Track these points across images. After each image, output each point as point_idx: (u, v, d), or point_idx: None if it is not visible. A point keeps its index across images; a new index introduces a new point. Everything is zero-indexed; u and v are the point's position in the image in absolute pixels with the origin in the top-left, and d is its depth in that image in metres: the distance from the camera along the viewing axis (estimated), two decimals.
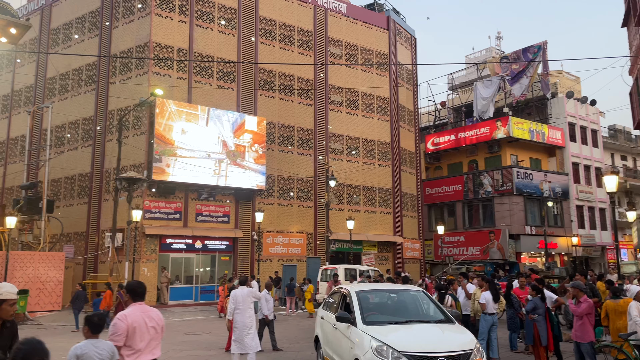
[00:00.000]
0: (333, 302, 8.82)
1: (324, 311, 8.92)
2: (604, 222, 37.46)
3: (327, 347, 8.21)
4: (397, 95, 33.73)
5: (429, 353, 6.17)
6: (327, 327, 8.29)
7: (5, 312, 3.99)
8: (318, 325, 9.06)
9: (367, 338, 6.53)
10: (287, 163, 28.04)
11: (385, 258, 31.86)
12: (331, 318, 8.05)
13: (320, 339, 8.66)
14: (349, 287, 8.61)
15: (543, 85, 35.20)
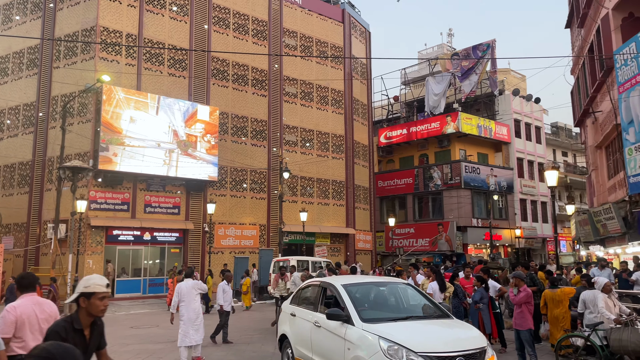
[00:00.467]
0: (308, 297, 7.95)
1: (294, 307, 8.00)
2: (545, 215, 39.28)
3: (301, 347, 7.35)
4: (352, 89, 33.96)
5: (446, 353, 5.60)
6: (302, 325, 7.43)
7: (94, 307, 3.44)
8: (285, 323, 8.10)
9: (373, 338, 5.83)
10: (240, 154, 27.72)
11: (338, 250, 32.16)
12: (308, 315, 7.33)
13: (290, 338, 7.74)
14: (331, 280, 7.78)
15: (491, 82, 36.36)
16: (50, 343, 2.27)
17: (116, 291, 23.23)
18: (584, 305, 9.22)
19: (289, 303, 8.38)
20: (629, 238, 17.27)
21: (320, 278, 9.21)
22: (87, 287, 3.44)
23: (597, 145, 21.65)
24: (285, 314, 8.22)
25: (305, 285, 8.38)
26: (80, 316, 3.43)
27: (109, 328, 13.91)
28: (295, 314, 7.83)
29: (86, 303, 3.42)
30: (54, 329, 3.30)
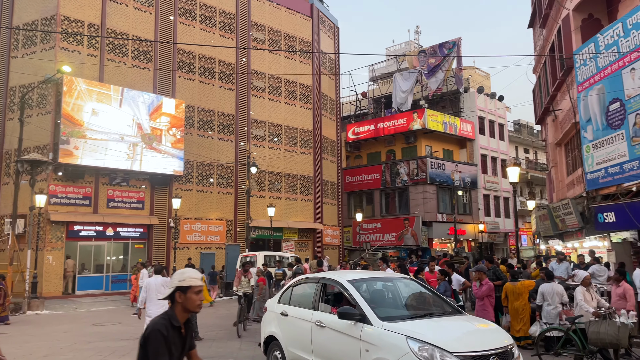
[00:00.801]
0: (303, 294, 7.39)
1: (285, 306, 7.37)
2: (508, 210, 40.34)
3: (297, 349, 6.79)
4: (320, 84, 33.96)
5: (481, 352, 5.21)
6: (298, 326, 6.86)
7: (191, 302, 3.19)
8: (272, 324, 7.46)
9: (399, 338, 5.33)
10: (206, 148, 27.36)
11: (306, 245, 32.21)
12: (306, 314, 6.77)
13: (281, 339, 7.14)
14: (333, 275, 7.32)
15: (457, 80, 37.00)
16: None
17: (77, 288, 22.63)
18: (543, 298, 9.54)
19: (276, 302, 7.67)
20: (586, 232, 17.92)
21: (317, 274, 8.68)
22: (183, 280, 3.20)
23: (557, 143, 22.34)
24: (273, 314, 7.52)
25: (296, 282, 7.69)
26: (177, 312, 3.18)
27: (69, 325, 13.60)
28: (287, 313, 7.18)
29: (183, 298, 3.18)
30: (156, 327, 3.03)
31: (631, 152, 14.15)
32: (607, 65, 15.18)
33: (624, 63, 14.30)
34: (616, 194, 15.11)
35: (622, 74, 14.36)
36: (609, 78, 15.03)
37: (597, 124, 15.84)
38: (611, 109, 15.03)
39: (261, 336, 7.76)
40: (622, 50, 14.27)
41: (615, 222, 15.07)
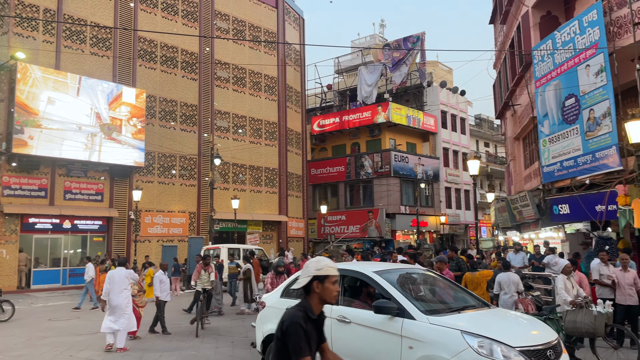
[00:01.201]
0: None
1: (293, 301, 6.50)
2: (468, 203, 41.31)
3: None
4: (285, 75, 33.76)
5: (538, 346, 4.97)
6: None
7: (328, 293, 3.01)
8: (274, 320, 7.06)
9: (453, 333, 4.94)
10: (169, 139, 26.82)
11: (270, 237, 32.11)
12: (327, 309, 6.13)
13: None
14: (356, 267, 6.87)
15: (420, 74, 37.50)
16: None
17: (32, 282, 21.87)
18: (500, 287, 9.82)
19: (279, 296, 7.02)
20: (542, 224, 18.55)
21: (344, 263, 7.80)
22: (320, 269, 3.00)
23: (516, 137, 22.98)
24: (275, 310, 6.77)
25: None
26: (313, 304, 2.99)
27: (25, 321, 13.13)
28: None
29: (320, 288, 2.99)
30: (294, 320, 2.84)
31: (585, 146, 14.69)
32: (563, 62, 15.68)
33: (579, 60, 14.80)
34: (570, 186, 15.68)
35: (577, 71, 14.87)
36: (565, 74, 15.54)
37: (554, 118, 16.37)
38: (567, 105, 15.55)
39: (258, 335, 7.08)
40: (578, 47, 14.76)
41: (569, 214, 15.65)
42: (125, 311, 9.45)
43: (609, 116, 13.58)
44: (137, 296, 10.59)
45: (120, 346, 9.35)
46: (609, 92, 13.58)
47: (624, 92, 13.86)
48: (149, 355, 9.12)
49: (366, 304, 6.22)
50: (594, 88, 14.10)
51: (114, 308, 9.41)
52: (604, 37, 13.79)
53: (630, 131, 11.12)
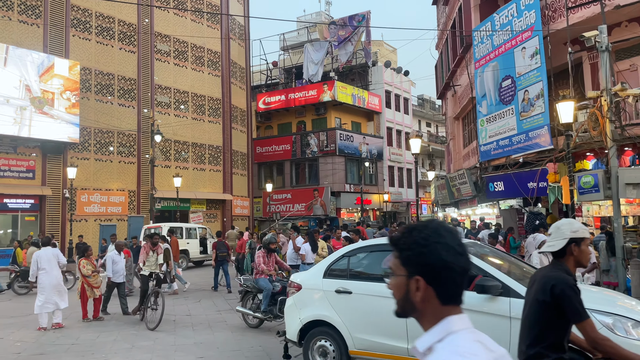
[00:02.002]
0: (372, 265, 6.11)
1: (344, 281, 5.94)
2: (410, 181, 42.41)
3: (379, 335, 5.53)
4: (229, 51, 32.96)
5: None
6: (377, 305, 5.53)
7: (584, 255, 2.81)
8: (317, 305, 6.03)
9: None
10: (106, 114, 25.65)
11: (215, 216, 31.67)
12: (383, 289, 5.19)
13: (341, 324, 5.76)
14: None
15: (365, 53, 37.69)
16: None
17: None
18: None
19: (321, 277, 6.11)
20: (479, 200, 19.36)
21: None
22: (576, 231, 2.82)
23: (456, 117, 23.69)
24: (317, 293, 6.02)
25: (354, 250, 6.26)
26: (570, 266, 2.82)
27: None
28: (349, 290, 5.77)
29: (577, 250, 2.82)
30: (569, 283, 2.64)
31: (519, 126, 15.36)
32: (501, 44, 16.21)
33: (516, 42, 15.35)
34: (505, 164, 16.40)
35: (514, 53, 15.43)
36: (503, 56, 16.09)
37: (491, 99, 16.97)
38: (503, 86, 16.15)
39: (291, 322, 6.23)
40: (515, 30, 15.28)
41: (503, 191, 16.40)
42: (58, 289, 9.45)
43: (542, 97, 14.23)
44: (92, 277, 10.18)
45: (56, 321, 9.38)
46: (542, 74, 14.20)
47: (556, 75, 14.55)
48: (86, 334, 8.84)
49: None
50: (529, 70, 14.70)
51: (48, 287, 9.30)
52: (540, 21, 14.35)
53: (561, 111, 11.69)
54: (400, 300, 1.44)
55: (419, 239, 1.37)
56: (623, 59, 13.72)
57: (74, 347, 8.07)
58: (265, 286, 8.88)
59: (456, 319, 1.38)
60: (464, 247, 1.39)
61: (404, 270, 1.40)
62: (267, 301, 8.78)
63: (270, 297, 8.82)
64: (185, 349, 7.76)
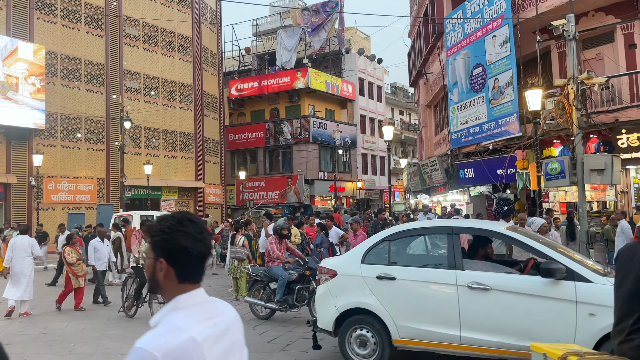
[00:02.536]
0: (415, 249, 6.06)
1: (386, 267, 5.60)
2: (383, 169, 42.72)
3: (426, 323, 5.27)
4: (200, 36, 32.37)
5: None
6: (423, 292, 5.35)
7: None
8: (356, 291, 5.66)
9: None
10: (73, 100, 24.94)
11: (187, 204, 31.32)
12: (441, 276, 5.26)
13: (383, 312, 5.44)
14: (485, 225, 6.08)
15: (339, 40, 37.56)
16: None
17: None
18: None
19: (359, 263, 5.74)
20: (449, 187, 19.64)
21: (446, 221, 6.77)
22: None
23: (428, 104, 23.90)
24: (356, 279, 5.65)
25: (393, 234, 5.88)
26: None
27: None
28: (393, 276, 5.44)
29: None
30: None
31: (489, 113, 15.59)
32: (472, 32, 16.36)
33: (487, 30, 15.52)
34: (475, 152, 16.67)
35: (485, 41, 15.61)
36: (474, 44, 16.26)
37: (462, 87, 17.17)
38: (474, 74, 16.34)
39: (325, 311, 5.85)
40: (486, 18, 15.44)
41: (473, 177, 16.68)
42: (29, 278, 9.55)
43: (511, 85, 14.46)
44: (76, 265, 9.92)
45: (22, 311, 9.43)
46: (512, 63, 14.42)
47: (525, 63, 14.80)
48: (54, 324, 8.67)
49: (496, 267, 5.58)
50: (499, 58, 14.90)
51: (17, 275, 9.41)
52: (510, 9, 14.53)
53: (529, 99, 11.92)
54: (149, 278, 1.64)
55: (164, 227, 1.61)
56: (590, 48, 14.04)
57: (41, 336, 7.92)
58: (280, 274, 8.33)
59: (185, 297, 1.59)
60: (204, 235, 1.63)
61: (153, 253, 1.61)
62: (282, 290, 8.23)
63: (286, 286, 8.30)
64: None
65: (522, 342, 4.71)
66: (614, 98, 12.89)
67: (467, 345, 5.04)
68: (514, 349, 4.80)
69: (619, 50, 13.40)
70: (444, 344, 5.19)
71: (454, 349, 5.16)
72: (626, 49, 13.29)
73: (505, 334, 4.86)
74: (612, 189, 13.38)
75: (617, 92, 12.85)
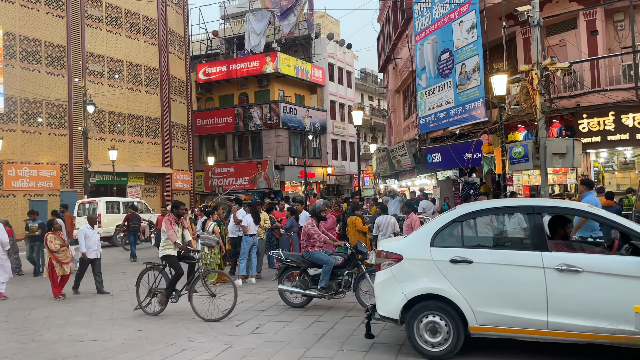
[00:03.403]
0: (491, 230, 5.79)
1: (460, 249, 5.31)
2: (353, 154, 42.91)
3: (509, 309, 5.00)
4: (166, 18, 31.57)
5: None
6: (504, 276, 5.05)
7: None
8: (426, 276, 5.35)
9: None
10: (33, 83, 24.04)
11: (154, 190, 30.79)
12: (524, 258, 5.00)
13: (459, 298, 5.15)
14: (568, 204, 5.93)
15: (308, 24, 37.23)
16: None
17: None
18: (378, 229, 10.46)
19: (428, 246, 5.41)
20: (418, 171, 19.89)
21: (523, 200, 6.21)
22: None
23: (396, 90, 24.04)
24: (431, 263, 5.32)
25: (460, 215, 5.51)
26: None
27: None
28: (470, 259, 5.16)
29: None
30: None
31: (457, 99, 15.80)
32: (440, 17, 16.48)
33: (454, 16, 15.65)
34: (443, 136, 16.90)
35: (452, 26, 15.74)
36: (442, 29, 16.39)
37: (430, 72, 17.32)
38: (442, 59, 16.50)
39: (390, 298, 5.48)
40: (454, 3, 15.56)
41: (441, 162, 16.94)
42: (2, 265, 9.82)
43: (478, 71, 14.67)
44: (60, 252, 9.50)
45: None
46: (478, 48, 14.61)
47: (492, 49, 15.02)
48: (17, 312, 8.43)
49: (583, 247, 5.40)
50: (466, 43, 15.07)
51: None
52: None
53: (495, 84, 12.13)
54: None
55: None
56: (553, 34, 14.35)
57: (3, 324, 7.71)
58: (325, 259, 7.79)
59: None
60: None
61: None
62: (328, 276, 7.68)
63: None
64: (122, 323, 7.58)
65: (617, 325, 4.62)
66: (575, 84, 13.24)
67: (555, 330, 4.85)
68: (609, 332, 4.67)
69: (582, 37, 13.74)
70: (527, 330, 4.95)
71: (539, 335, 4.94)
72: (588, 35, 13.63)
73: (598, 318, 4.69)
74: (573, 173, 13.80)
75: (579, 77, 13.20)
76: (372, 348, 5.83)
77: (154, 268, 8.29)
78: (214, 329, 7.00)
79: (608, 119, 12.47)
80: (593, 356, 5.21)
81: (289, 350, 5.88)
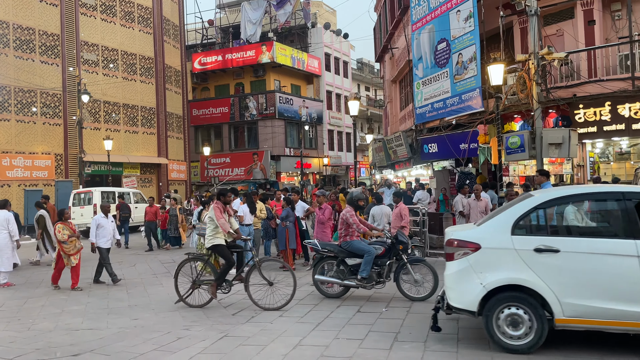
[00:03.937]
0: (581, 217, 5.59)
1: (545, 238, 5.08)
2: (349, 145, 42.87)
3: (602, 300, 4.80)
4: (161, 6, 31.28)
5: None
6: (594, 265, 4.85)
7: None
8: (507, 266, 5.07)
9: None
10: (27, 72, 23.82)
11: (150, 180, 30.69)
12: (617, 247, 4.82)
13: (545, 289, 4.93)
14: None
15: (305, 14, 37.03)
16: None
17: None
18: (373, 219, 10.49)
19: (508, 234, 5.15)
20: (414, 162, 19.88)
21: (613, 186, 6.16)
22: None
23: (393, 80, 23.96)
24: (513, 252, 5.04)
25: (544, 202, 5.27)
26: None
27: None
28: (556, 248, 4.92)
29: None
30: None
31: (453, 89, 15.76)
32: (437, 6, 16.38)
33: (451, 5, 15.56)
34: (439, 127, 16.88)
35: (449, 15, 15.66)
36: (439, 19, 16.30)
37: (427, 62, 17.25)
38: (439, 49, 16.43)
39: (468, 289, 5.21)
40: None
41: (437, 152, 16.93)
42: (4, 252, 9.90)
43: (474, 60, 14.62)
44: (68, 242, 9.27)
45: (3, 282, 9.81)
46: (475, 38, 14.55)
47: (488, 38, 14.95)
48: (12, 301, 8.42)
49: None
50: (463, 33, 15.00)
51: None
52: None
53: (491, 74, 12.10)
54: None
55: None
56: (550, 24, 14.30)
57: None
58: (367, 249, 7.62)
59: None
60: None
61: None
62: (369, 266, 7.53)
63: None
64: (118, 312, 7.58)
65: None
66: (572, 74, 13.22)
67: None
68: None
69: (579, 27, 13.69)
70: (620, 322, 4.74)
71: (634, 327, 4.73)
72: (585, 25, 13.59)
73: None
74: (568, 163, 13.83)
75: (575, 67, 13.18)
76: (428, 339, 5.60)
77: (198, 259, 8.03)
78: (210, 317, 7.01)
79: (604, 109, 12.47)
80: None
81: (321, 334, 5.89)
